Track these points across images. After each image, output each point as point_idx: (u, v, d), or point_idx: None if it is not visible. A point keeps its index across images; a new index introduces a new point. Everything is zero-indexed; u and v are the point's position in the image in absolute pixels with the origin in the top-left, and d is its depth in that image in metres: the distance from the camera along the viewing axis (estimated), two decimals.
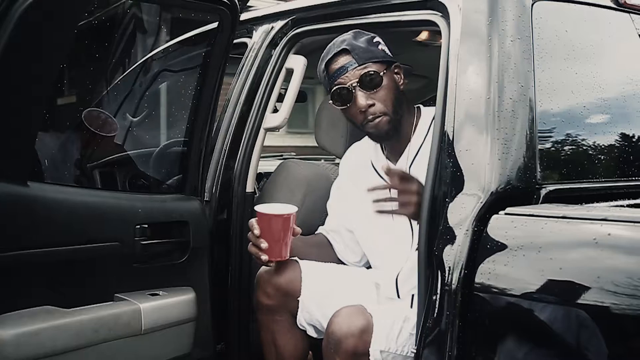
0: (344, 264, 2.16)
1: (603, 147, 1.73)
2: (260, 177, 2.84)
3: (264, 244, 1.87)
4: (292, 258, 2.03)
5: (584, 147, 1.69)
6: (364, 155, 2.13)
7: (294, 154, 4.21)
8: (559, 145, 1.63)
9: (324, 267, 2.06)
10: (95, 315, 1.71)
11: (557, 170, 1.61)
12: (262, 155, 3.76)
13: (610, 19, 1.92)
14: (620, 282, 1.23)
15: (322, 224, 2.21)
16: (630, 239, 1.27)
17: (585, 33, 1.84)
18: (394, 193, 1.80)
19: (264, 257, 1.88)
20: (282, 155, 4.03)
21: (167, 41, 2.31)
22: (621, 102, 1.84)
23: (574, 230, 1.35)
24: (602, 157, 1.72)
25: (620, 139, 1.77)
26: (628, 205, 1.57)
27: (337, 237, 2.16)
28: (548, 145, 1.60)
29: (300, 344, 2.03)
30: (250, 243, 1.92)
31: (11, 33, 1.48)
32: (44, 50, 1.57)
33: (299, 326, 2.00)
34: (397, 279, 1.94)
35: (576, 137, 1.68)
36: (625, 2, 1.96)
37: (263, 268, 2.04)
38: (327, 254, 2.15)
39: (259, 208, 1.89)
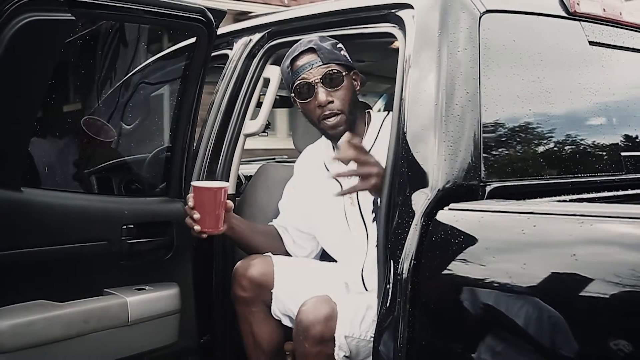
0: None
1: (546, 146, 1.87)
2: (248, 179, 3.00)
3: (197, 215, 1.98)
4: (266, 254, 2.19)
5: (527, 147, 1.84)
6: (317, 157, 2.29)
7: (286, 156, 4.36)
8: (503, 146, 1.77)
9: (294, 261, 2.22)
10: (85, 307, 1.87)
11: (501, 169, 1.75)
12: (257, 159, 3.97)
13: (560, 28, 2.06)
14: (542, 268, 1.39)
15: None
16: (551, 230, 1.43)
17: (534, 41, 1.97)
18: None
19: (197, 227, 1.99)
20: (274, 159, 4.20)
21: (153, 55, 2.47)
22: (567, 105, 1.98)
23: (505, 222, 1.50)
24: (545, 156, 1.86)
25: (562, 139, 1.91)
26: (561, 200, 1.71)
27: (286, 233, 2.31)
28: (492, 146, 1.73)
29: (276, 333, 2.18)
30: (187, 217, 2.03)
31: (2, 53, 1.64)
32: (33, 67, 1.74)
33: (274, 316, 2.15)
34: (362, 274, 2.09)
35: (519, 138, 1.82)
36: (575, 11, 2.10)
37: (239, 263, 2.19)
38: (275, 244, 2.29)
39: (193, 183, 2.04)
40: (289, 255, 2.30)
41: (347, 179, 2.17)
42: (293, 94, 2.14)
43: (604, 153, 2.01)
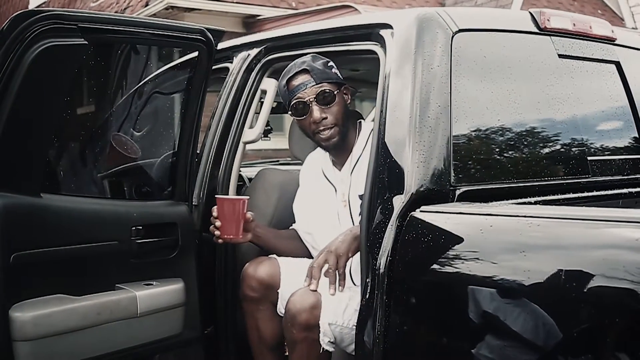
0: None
1: (513, 153, 2.05)
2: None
3: (218, 223, 2.24)
4: (271, 256, 2.39)
5: (495, 154, 2.01)
6: (317, 164, 2.50)
7: (289, 158, 4.55)
8: (472, 153, 1.95)
9: (299, 263, 2.41)
10: (98, 301, 2.07)
11: (470, 174, 1.92)
12: (261, 161, 4.17)
13: (530, 43, 2.24)
14: (496, 263, 1.59)
15: (293, 221, 2.56)
16: (504, 229, 1.62)
17: (504, 57, 2.14)
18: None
19: (217, 232, 2.25)
20: (278, 161, 4.41)
21: (159, 69, 2.67)
22: (535, 114, 2.15)
23: (466, 222, 1.70)
24: (512, 162, 2.03)
25: (529, 146, 2.09)
26: (522, 203, 1.89)
27: (305, 237, 2.51)
28: (462, 153, 1.91)
29: (279, 329, 2.34)
30: (212, 225, 2.28)
31: (25, 74, 1.86)
32: (51, 86, 1.95)
33: (279, 313, 2.34)
34: (350, 270, 2.29)
35: (487, 146, 2.00)
36: (545, 26, 2.27)
37: (248, 265, 2.39)
38: (299, 246, 2.50)
39: (217, 195, 2.28)
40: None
41: (342, 183, 2.38)
42: (290, 111, 2.34)
43: (571, 158, 2.18)
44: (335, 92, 2.30)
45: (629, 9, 11.69)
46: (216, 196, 2.29)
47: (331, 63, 2.33)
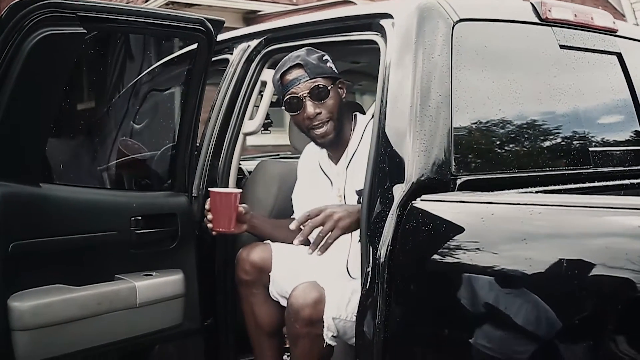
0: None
1: (514, 143, 2.04)
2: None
3: (210, 216, 2.24)
4: (265, 242, 2.39)
5: (496, 144, 2.00)
6: (314, 157, 2.49)
7: (290, 152, 4.54)
8: (472, 143, 1.94)
9: (290, 248, 2.40)
10: (98, 291, 2.07)
11: (470, 163, 1.92)
12: (261, 155, 4.16)
13: (532, 33, 2.23)
14: (497, 251, 1.58)
15: (293, 212, 2.55)
16: (505, 217, 1.61)
17: (505, 47, 2.14)
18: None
19: (210, 225, 2.24)
20: (278, 155, 4.40)
21: (159, 60, 2.66)
22: (536, 104, 2.14)
23: (467, 211, 1.69)
24: (513, 152, 2.03)
25: (530, 137, 2.09)
26: (523, 192, 1.88)
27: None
28: (462, 143, 1.90)
29: (274, 313, 2.37)
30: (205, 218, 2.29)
31: (23, 62, 1.85)
32: (50, 75, 1.94)
33: (272, 297, 2.35)
34: (347, 263, 2.28)
35: (488, 135, 2.00)
36: (547, 17, 2.26)
37: (242, 250, 2.39)
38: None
39: (210, 189, 2.28)
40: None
41: (338, 177, 2.37)
42: (284, 106, 2.32)
43: (572, 149, 2.17)
44: (330, 87, 2.27)
45: (630, 5, 11.68)
46: (209, 189, 2.28)
47: (326, 57, 2.31)
